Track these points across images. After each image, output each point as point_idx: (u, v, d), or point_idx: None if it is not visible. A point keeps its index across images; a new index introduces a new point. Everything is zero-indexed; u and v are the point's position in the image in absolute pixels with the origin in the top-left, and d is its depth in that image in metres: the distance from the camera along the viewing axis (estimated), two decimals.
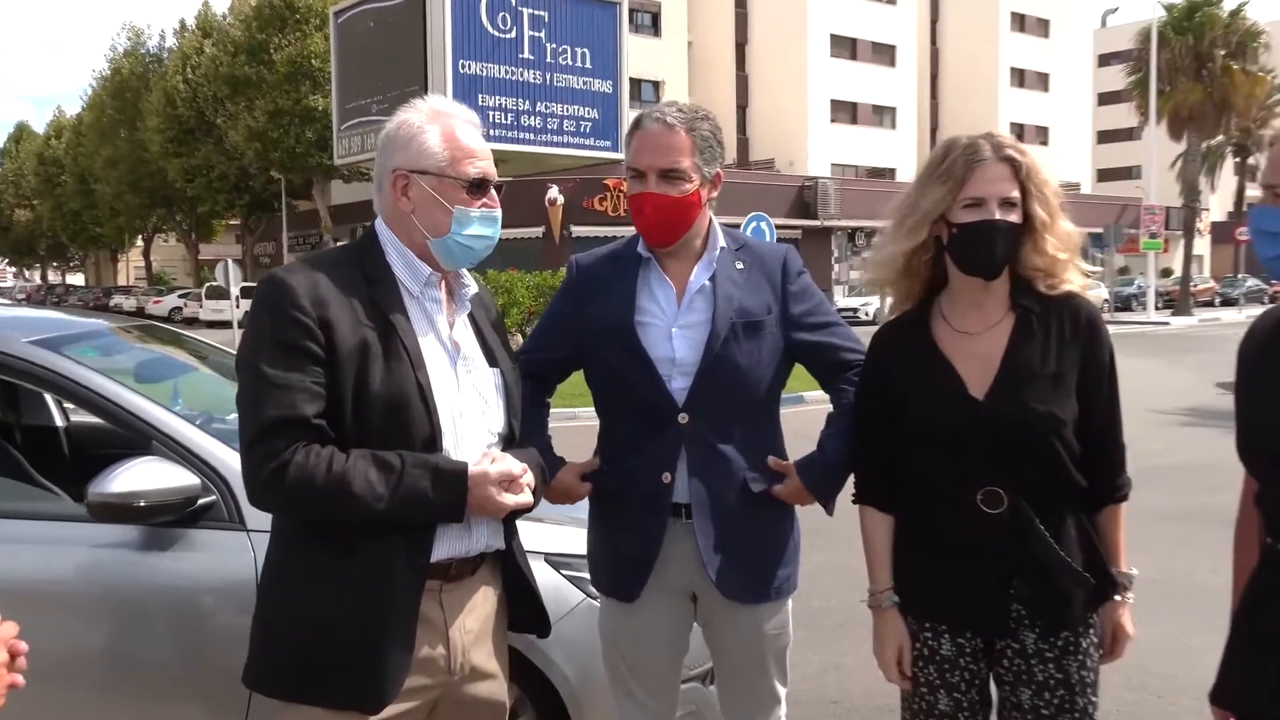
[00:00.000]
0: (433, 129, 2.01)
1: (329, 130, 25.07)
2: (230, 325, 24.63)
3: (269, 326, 1.88)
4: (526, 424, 2.22)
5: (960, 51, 55.47)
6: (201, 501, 2.65)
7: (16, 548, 2.71)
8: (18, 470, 3.44)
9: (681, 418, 2.31)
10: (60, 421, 4.27)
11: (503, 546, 2.09)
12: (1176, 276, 43.72)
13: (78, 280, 78.21)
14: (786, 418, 2.48)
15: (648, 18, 44.65)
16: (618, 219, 32.33)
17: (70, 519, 2.79)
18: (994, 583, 2.04)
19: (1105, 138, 67.44)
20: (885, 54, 49.72)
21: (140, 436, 2.77)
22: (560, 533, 2.88)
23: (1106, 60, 64.15)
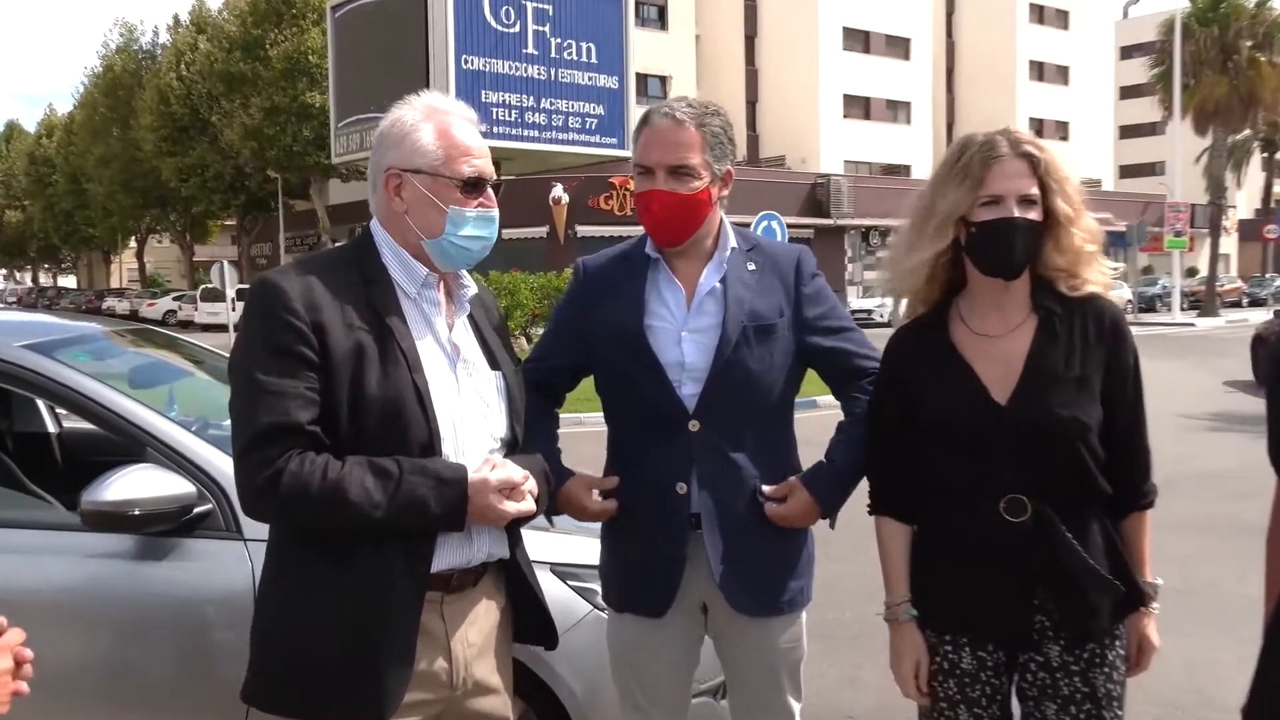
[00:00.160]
0: (427, 126, 2.00)
1: (326, 128, 25.13)
2: (226, 329, 24.68)
3: (261, 331, 1.88)
4: (534, 435, 2.21)
5: (977, 44, 55.44)
6: (197, 510, 2.65)
7: (7, 558, 2.71)
8: (9, 478, 3.44)
9: (692, 425, 2.29)
10: (52, 428, 4.29)
11: (506, 555, 2.08)
12: (1202, 276, 43.59)
13: (69, 283, 78.46)
14: (798, 424, 2.47)
15: (654, 11, 44.76)
16: (624, 218, 32.35)
17: (63, 528, 2.80)
18: (1017, 593, 2.03)
19: (1127, 133, 67.33)
20: (899, 47, 49.74)
21: (135, 443, 2.78)
22: (567, 542, 2.87)
23: (1128, 52, 64.05)
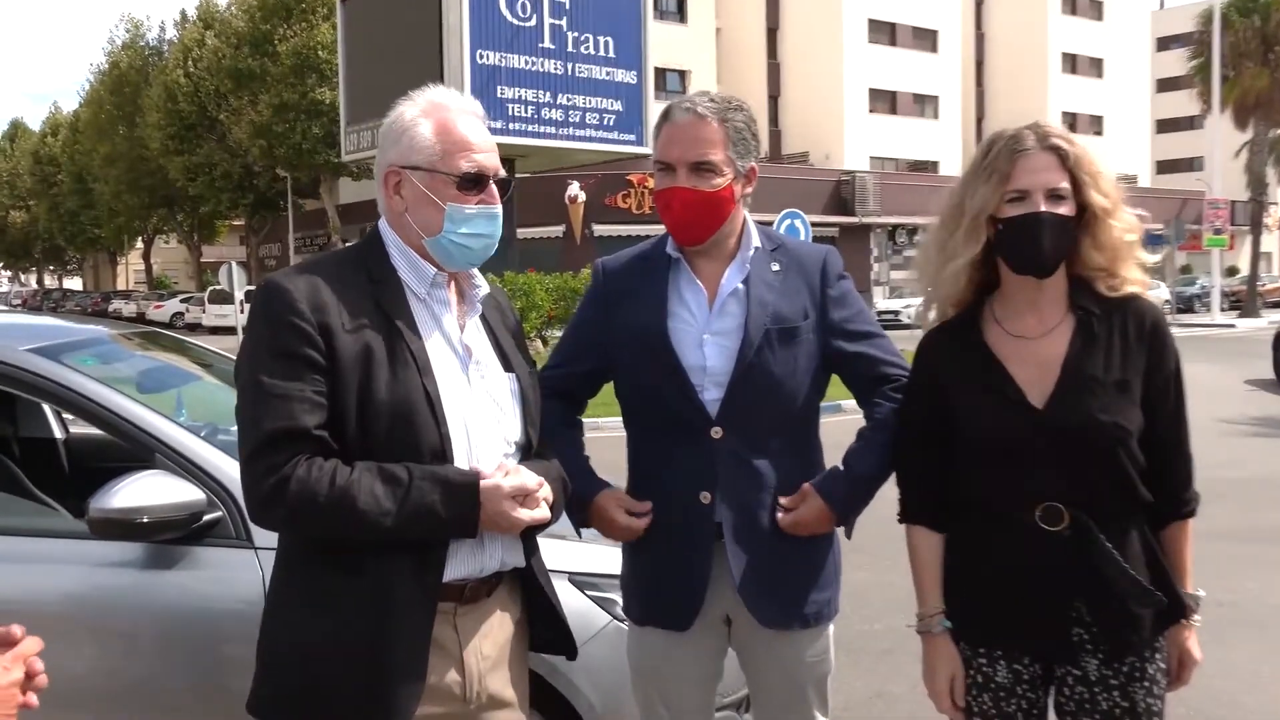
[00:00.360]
0: (425, 122, 1.99)
1: (336, 125, 25.19)
2: (234, 331, 24.88)
3: (266, 334, 1.88)
4: (560, 448, 2.22)
5: (1007, 36, 55.16)
6: (207, 517, 2.66)
7: (13, 566, 2.73)
8: (15, 484, 3.47)
9: (715, 432, 2.28)
10: (59, 433, 4.32)
11: (522, 564, 2.08)
12: (1242, 275, 43.28)
13: (75, 284, 79.23)
14: (822, 428, 2.46)
15: (673, 3, 44.72)
16: (642, 217, 32.38)
17: (69, 536, 2.82)
18: (1054, 605, 2.02)
19: (1164, 127, 66.82)
20: (927, 39, 49.53)
21: (143, 449, 2.79)
22: (585, 550, 2.87)
23: (1165, 44, 63.58)
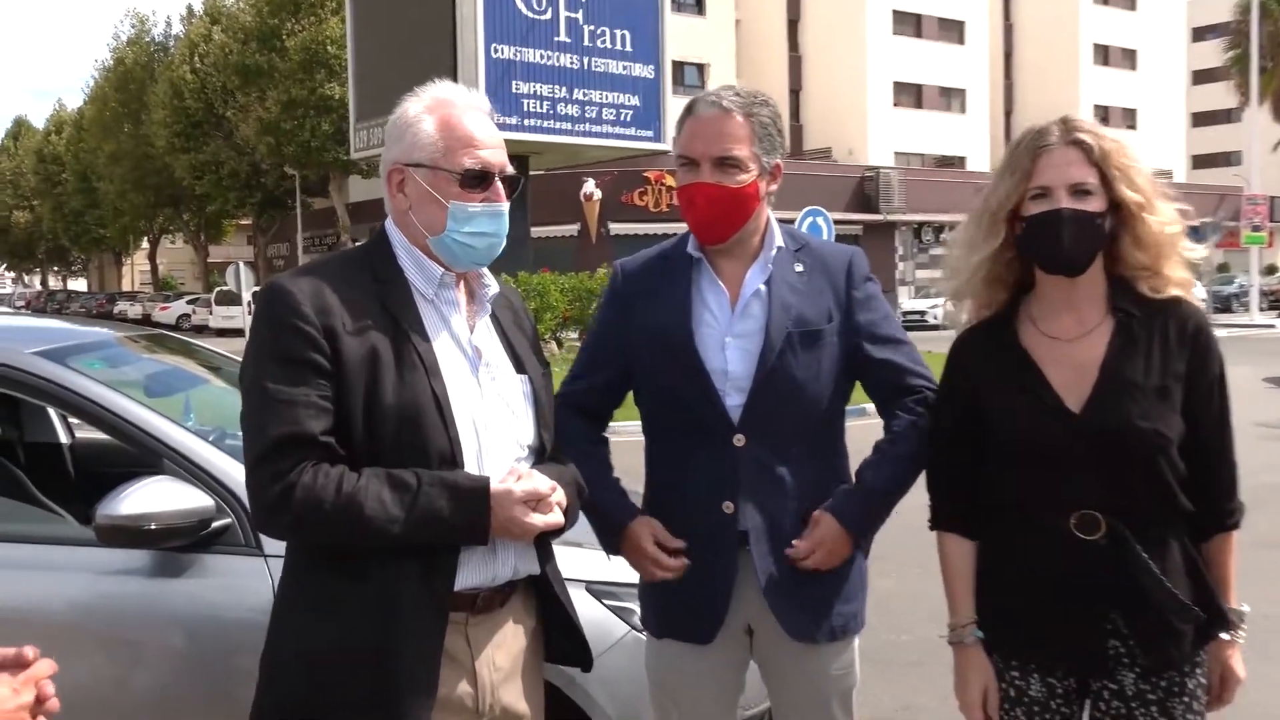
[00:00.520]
0: (429, 118, 1.99)
1: (346, 122, 25.30)
2: (242, 333, 24.94)
3: (270, 338, 1.89)
4: (588, 469, 2.21)
5: (1037, 26, 54.94)
6: (216, 524, 2.68)
7: (18, 573, 2.75)
8: (20, 490, 3.48)
9: (737, 439, 2.28)
10: (65, 438, 4.35)
11: (536, 571, 2.07)
12: None
13: (80, 285, 79.81)
14: (846, 433, 2.44)
15: None
16: (659, 214, 32.40)
17: (76, 543, 2.84)
18: (1089, 617, 2.01)
19: (1200, 120, 66.46)
20: (953, 30, 49.40)
21: (150, 454, 2.81)
22: (603, 558, 2.85)
23: (1201, 34, 63.20)
